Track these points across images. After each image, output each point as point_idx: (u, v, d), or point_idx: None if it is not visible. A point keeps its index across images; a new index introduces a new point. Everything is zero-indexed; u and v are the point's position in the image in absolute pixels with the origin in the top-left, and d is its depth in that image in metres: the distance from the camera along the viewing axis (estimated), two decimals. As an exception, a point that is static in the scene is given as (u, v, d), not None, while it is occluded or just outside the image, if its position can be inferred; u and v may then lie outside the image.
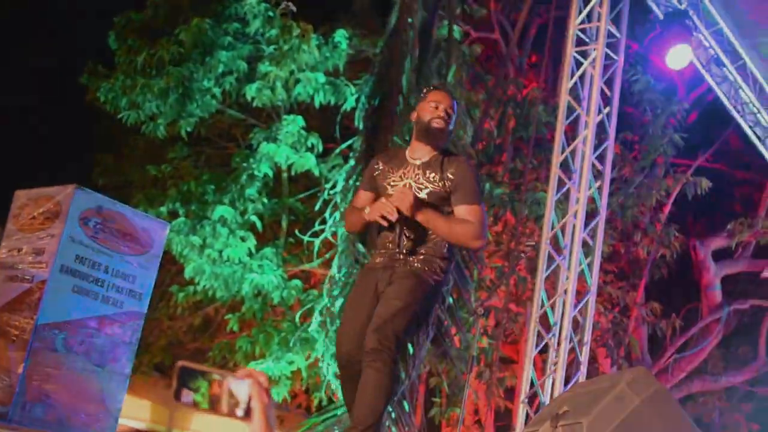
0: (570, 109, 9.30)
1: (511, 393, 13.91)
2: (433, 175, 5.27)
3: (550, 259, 9.13)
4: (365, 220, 5.37)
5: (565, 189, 9.20)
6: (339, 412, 10.05)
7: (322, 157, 12.35)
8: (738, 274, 17.25)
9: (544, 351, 9.41)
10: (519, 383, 10.81)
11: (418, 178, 5.30)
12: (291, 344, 12.23)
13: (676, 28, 9.79)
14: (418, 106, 5.47)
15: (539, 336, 9.10)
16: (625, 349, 14.18)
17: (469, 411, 14.04)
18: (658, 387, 4.35)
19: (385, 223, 5.20)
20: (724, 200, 17.40)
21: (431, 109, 5.37)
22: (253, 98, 11.88)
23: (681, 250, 14.95)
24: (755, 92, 11.00)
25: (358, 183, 10.69)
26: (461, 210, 5.22)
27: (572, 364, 9.18)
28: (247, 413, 2.87)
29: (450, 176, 5.25)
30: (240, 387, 2.82)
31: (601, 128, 9.31)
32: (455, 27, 11.71)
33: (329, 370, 10.54)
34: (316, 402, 12.32)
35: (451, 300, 10.61)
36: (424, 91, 5.58)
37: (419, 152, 5.38)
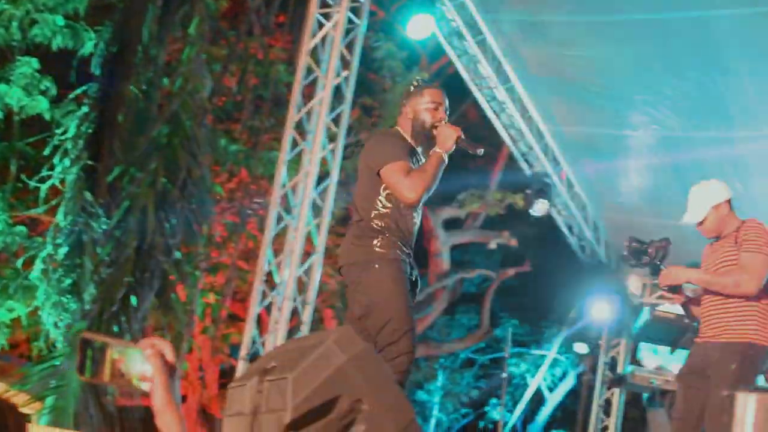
0: (309, 71, 9.29)
1: (237, 350, 13.89)
2: None
3: (280, 219, 9.12)
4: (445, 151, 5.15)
5: (298, 149, 9.19)
6: (57, 362, 9.78)
7: (56, 102, 11.90)
8: (466, 244, 17.82)
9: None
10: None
11: None
12: (12, 291, 11.78)
13: (419, -3, 9.93)
14: (413, 101, 5.29)
15: (264, 295, 9.09)
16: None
17: (194, 367, 13.96)
18: (364, 346, 4.40)
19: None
20: (458, 171, 17.87)
21: (431, 110, 5.23)
22: (-15, 37, 11.33)
23: (412, 217, 15.25)
24: (493, 67, 11.26)
25: (90, 130, 10.41)
26: None
27: (297, 324, 9.23)
28: (148, 388, 2.47)
29: None
30: (139, 358, 2.44)
31: (338, 91, 9.34)
32: (201, -20, 11.51)
33: (49, 319, 10.20)
34: (35, 351, 11.94)
35: (178, 254, 10.49)
36: (416, 84, 5.41)
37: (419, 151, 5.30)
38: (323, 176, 9.25)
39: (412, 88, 5.39)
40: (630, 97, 7.05)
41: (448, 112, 5.32)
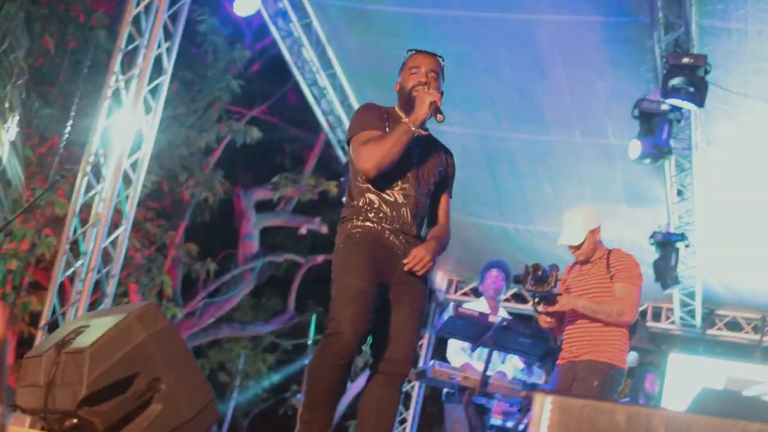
0: (131, 39, 9.09)
1: (37, 319, 13.51)
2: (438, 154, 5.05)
3: (90, 188, 8.91)
4: (414, 122, 4.71)
5: (114, 118, 8.98)
6: None
7: None
8: (277, 228, 17.79)
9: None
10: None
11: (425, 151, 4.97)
12: None
13: (248, -25, 9.86)
14: (401, 73, 4.98)
15: (69, 264, 8.87)
16: (158, 287, 14.17)
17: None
18: (165, 324, 4.35)
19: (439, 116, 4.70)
20: (276, 154, 17.85)
21: (411, 75, 4.88)
22: None
23: (225, 196, 15.17)
24: (317, 52, 11.25)
25: None
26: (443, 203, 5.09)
27: (100, 297, 9.04)
28: None
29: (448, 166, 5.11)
30: None
31: (159, 62, 9.18)
32: (26, -65, 11.10)
33: None
34: None
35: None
36: (404, 58, 5.03)
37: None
38: (137, 147, 9.06)
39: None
40: (449, 94, 7.12)
41: (437, 77, 4.93)
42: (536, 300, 6.26)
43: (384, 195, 4.76)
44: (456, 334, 7.47)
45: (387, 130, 4.78)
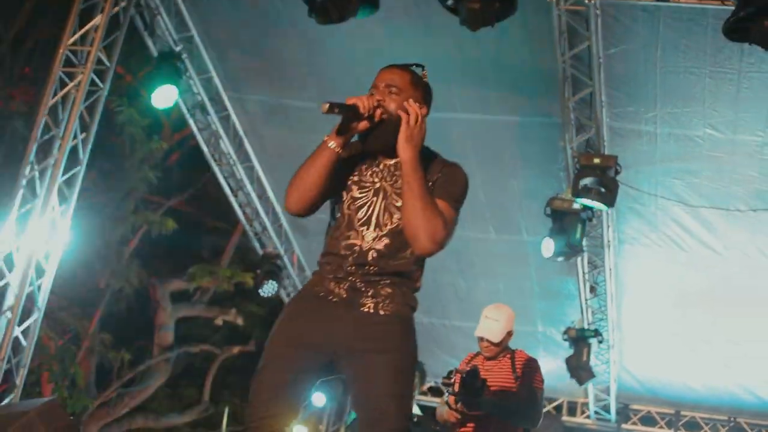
0: (47, 129, 9.08)
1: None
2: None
3: (2, 276, 8.81)
4: (327, 147, 3.85)
5: (29, 206, 8.94)
6: None
7: None
8: (193, 318, 17.65)
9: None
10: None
11: (395, 182, 3.96)
12: None
13: (166, 67, 9.92)
14: None
15: (-23, 354, 8.73)
16: (70, 377, 13.96)
17: None
18: (68, 422, 4.34)
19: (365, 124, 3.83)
20: (193, 244, 17.80)
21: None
22: None
23: (141, 286, 15.07)
24: (234, 145, 11.37)
25: None
26: (439, 202, 3.89)
27: (10, 386, 8.90)
28: None
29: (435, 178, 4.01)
30: None
31: (75, 153, 9.17)
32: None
33: None
34: None
35: None
36: None
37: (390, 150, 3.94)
38: (51, 236, 9.00)
39: None
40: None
41: (400, 90, 3.95)
42: (457, 402, 6.30)
43: (337, 236, 4.02)
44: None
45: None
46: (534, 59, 9.23)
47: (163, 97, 9.95)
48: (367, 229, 3.91)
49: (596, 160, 8.99)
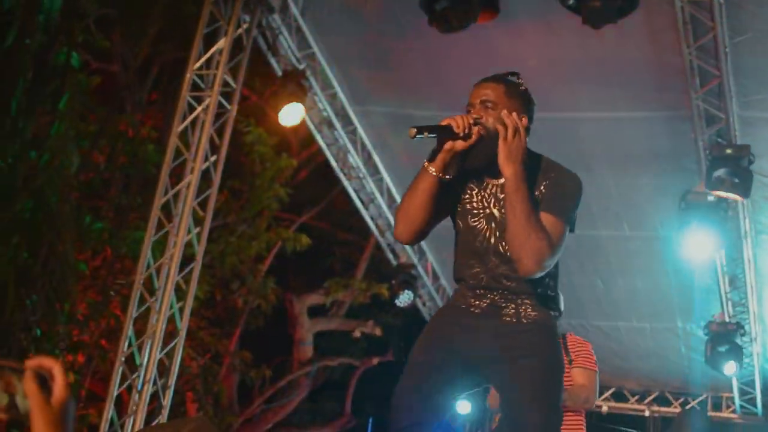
0: (178, 153, 9.24)
1: (96, 431, 13.56)
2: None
3: (143, 300, 9.00)
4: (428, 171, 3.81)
5: (164, 231, 9.11)
6: None
7: None
8: (331, 332, 17.80)
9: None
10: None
11: (503, 208, 3.83)
12: None
13: (291, 86, 10.00)
14: None
15: (125, 376, 8.92)
16: (214, 396, 14.20)
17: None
18: (218, 437, 4.38)
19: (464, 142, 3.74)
20: (325, 259, 17.95)
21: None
22: None
23: (277, 302, 15.25)
24: (363, 158, 11.40)
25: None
26: (544, 217, 3.79)
27: (157, 407, 9.08)
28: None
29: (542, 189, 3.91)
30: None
31: (206, 175, 9.31)
32: (74, 54, 11.37)
33: None
34: None
35: (39, 332, 10.22)
36: None
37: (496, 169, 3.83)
38: (188, 259, 9.16)
39: None
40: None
41: (495, 105, 3.86)
42: None
43: (463, 256, 4.01)
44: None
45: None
46: (657, 53, 9.04)
47: (290, 115, 10.03)
48: (488, 257, 3.88)
49: (728, 151, 8.80)
